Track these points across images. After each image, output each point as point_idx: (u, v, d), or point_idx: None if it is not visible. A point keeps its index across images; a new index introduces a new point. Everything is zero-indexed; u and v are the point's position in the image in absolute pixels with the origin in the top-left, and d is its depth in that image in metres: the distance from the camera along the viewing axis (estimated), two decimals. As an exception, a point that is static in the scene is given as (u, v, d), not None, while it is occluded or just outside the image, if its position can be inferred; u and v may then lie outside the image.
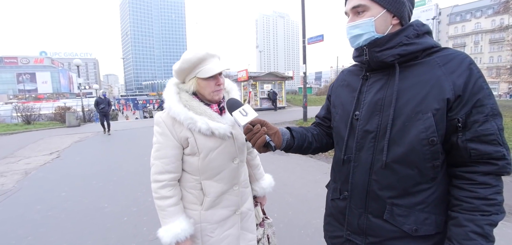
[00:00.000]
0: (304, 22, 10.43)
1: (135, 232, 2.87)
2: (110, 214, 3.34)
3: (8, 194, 4.32)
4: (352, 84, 0.97)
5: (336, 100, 1.02)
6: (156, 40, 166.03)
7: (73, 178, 5.01)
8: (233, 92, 1.29)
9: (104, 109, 10.61)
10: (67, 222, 3.20)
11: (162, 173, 1.12)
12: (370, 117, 0.85)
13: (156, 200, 1.13)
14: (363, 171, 0.86)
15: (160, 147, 1.12)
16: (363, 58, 0.88)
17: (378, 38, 0.83)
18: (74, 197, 4.01)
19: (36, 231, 3.01)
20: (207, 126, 1.09)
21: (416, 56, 0.82)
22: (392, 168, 0.81)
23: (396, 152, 0.80)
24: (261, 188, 1.44)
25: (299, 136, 1.02)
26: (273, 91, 18.59)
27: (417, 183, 0.80)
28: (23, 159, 6.82)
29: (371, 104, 0.86)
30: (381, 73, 0.87)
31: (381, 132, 0.82)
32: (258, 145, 0.89)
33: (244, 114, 0.94)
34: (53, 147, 8.37)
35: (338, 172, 0.98)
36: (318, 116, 1.17)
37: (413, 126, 0.77)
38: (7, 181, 5.00)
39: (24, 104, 17.86)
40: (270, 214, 2.99)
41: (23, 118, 15.68)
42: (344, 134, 0.93)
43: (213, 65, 1.10)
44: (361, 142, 0.87)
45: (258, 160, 1.46)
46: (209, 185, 1.17)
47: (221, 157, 1.15)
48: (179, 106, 1.10)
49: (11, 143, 9.55)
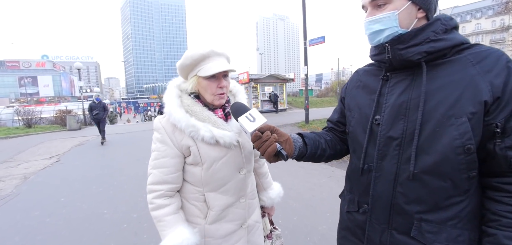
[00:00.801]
0: (305, 23, 10.36)
1: (135, 240, 2.78)
2: (110, 221, 3.25)
3: (6, 199, 4.24)
4: (370, 85, 0.88)
5: (351, 103, 0.93)
6: (157, 43, 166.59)
7: (73, 182, 4.93)
8: (240, 95, 1.19)
9: (98, 115, 9.17)
10: (65, 229, 3.11)
11: (160, 183, 1.02)
12: (394, 122, 0.76)
13: (152, 212, 1.02)
14: (387, 182, 0.77)
15: (158, 155, 1.03)
16: (384, 57, 0.79)
17: (402, 34, 0.74)
18: (73, 202, 3.92)
19: (33, 239, 2.92)
20: (211, 134, 0.99)
21: (444, 53, 0.73)
22: (421, 180, 0.72)
23: (425, 161, 0.71)
24: (269, 198, 1.33)
25: (312, 143, 0.93)
26: (274, 93, 18.52)
27: (450, 196, 0.71)
28: (22, 163, 6.74)
29: (394, 108, 0.77)
30: (405, 73, 0.78)
31: (407, 139, 0.74)
32: (268, 154, 0.80)
33: (252, 120, 0.85)
34: (53, 151, 8.31)
35: (356, 182, 0.88)
36: (330, 120, 1.08)
37: (445, 132, 0.68)
38: (6, 186, 4.93)
39: (25, 108, 17.84)
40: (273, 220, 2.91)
41: (24, 122, 15.64)
42: (362, 140, 0.84)
43: (216, 64, 0.99)
44: (384, 150, 0.78)
45: (266, 168, 1.36)
46: (214, 197, 1.07)
47: (226, 167, 1.05)
48: (180, 112, 1.00)
49: (11, 147, 9.49)
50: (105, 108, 9.57)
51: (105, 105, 9.72)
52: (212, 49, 1.00)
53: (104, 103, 9.65)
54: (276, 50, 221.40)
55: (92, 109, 9.27)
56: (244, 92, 1.21)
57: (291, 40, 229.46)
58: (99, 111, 9.21)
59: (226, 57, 1.06)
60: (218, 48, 1.02)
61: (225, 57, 1.05)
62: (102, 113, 9.26)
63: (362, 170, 0.83)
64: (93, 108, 9.26)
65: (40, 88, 65.25)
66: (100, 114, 9.20)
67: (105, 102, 10.15)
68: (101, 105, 9.35)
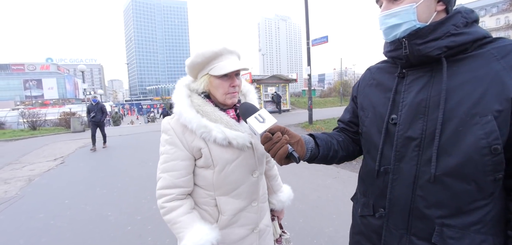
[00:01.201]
0: (308, 23, 10.31)
1: (139, 242, 2.76)
2: (114, 223, 3.23)
3: (11, 201, 4.25)
4: (385, 83, 0.84)
5: (364, 102, 0.89)
6: (159, 45, 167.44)
7: (77, 184, 4.93)
8: (250, 95, 1.15)
9: (95, 117, 8.39)
10: (70, 231, 3.10)
11: (170, 187, 0.98)
12: (412, 121, 0.73)
13: (165, 217, 0.98)
14: (405, 185, 0.73)
15: (168, 158, 0.98)
16: (401, 53, 0.75)
17: (420, 28, 0.70)
18: (77, 204, 3.92)
19: (38, 241, 2.91)
20: (223, 135, 0.94)
21: (465, 48, 0.69)
22: (443, 182, 0.68)
23: (447, 163, 0.67)
24: (279, 201, 1.29)
25: (324, 144, 0.89)
26: (277, 94, 18.49)
27: (474, 199, 0.67)
28: (27, 165, 6.78)
29: (412, 106, 0.73)
30: (422, 70, 0.74)
31: (427, 139, 0.70)
32: (279, 156, 0.76)
33: (261, 121, 0.81)
34: (57, 152, 8.35)
35: (371, 185, 0.84)
36: (342, 120, 1.04)
37: (469, 132, 0.64)
38: (11, 188, 4.94)
39: (30, 110, 17.99)
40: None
41: (29, 124, 15.77)
42: (377, 141, 0.80)
43: (229, 63, 0.96)
44: (402, 151, 0.74)
45: (275, 170, 1.32)
46: (225, 201, 1.03)
47: (239, 170, 1.01)
48: (191, 112, 0.95)
49: (17, 149, 9.56)
50: (104, 111, 8.68)
51: (104, 106, 8.80)
52: (225, 46, 0.97)
53: (102, 105, 8.79)
54: (278, 51, 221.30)
55: (89, 112, 8.48)
56: (254, 92, 1.18)
57: (293, 41, 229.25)
58: (97, 113, 8.40)
59: (238, 55, 1.02)
60: (230, 46, 0.98)
61: (237, 55, 1.02)
62: (100, 115, 8.47)
63: (378, 172, 0.79)
64: (90, 110, 8.46)
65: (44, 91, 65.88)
66: (97, 117, 8.39)
67: (103, 104, 9.14)
68: (98, 106, 8.52)
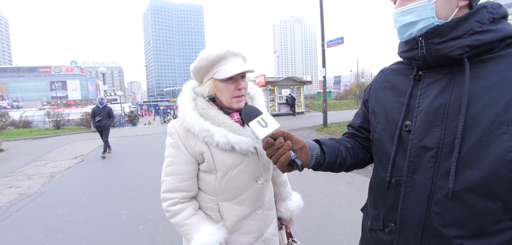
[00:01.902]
0: (323, 24, 10.14)
1: (150, 242, 2.79)
2: (126, 222, 3.30)
3: (33, 196, 4.46)
4: (399, 86, 0.77)
5: (376, 106, 0.82)
6: (176, 48, 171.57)
7: (94, 182, 5.10)
8: (258, 98, 1.11)
9: (100, 122, 7.52)
10: (85, 228, 3.19)
11: (173, 191, 0.97)
12: (429, 129, 0.65)
13: (171, 220, 0.98)
14: (419, 200, 0.66)
15: (171, 162, 0.97)
16: (417, 53, 0.68)
17: (439, 26, 0.63)
18: (93, 202, 4.05)
19: (55, 237, 3.02)
20: (226, 139, 0.92)
21: (491, 47, 0.62)
22: (462, 199, 0.60)
23: (468, 177, 0.59)
24: (287, 210, 1.23)
25: (330, 151, 0.83)
26: (291, 96, 18.31)
27: (499, 220, 0.59)
28: (50, 163, 7.11)
29: (429, 112, 0.66)
30: (441, 72, 0.67)
31: (444, 150, 0.63)
32: (281, 163, 0.71)
33: (264, 125, 0.77)
34: (78, 151, 8.70)
35: (381, 197, 0.78)
36: (352, 125, 0.97)
37: (494, 143, 0.57)
38: (34, 184, 5.20)
39: (54, 110, 18.95)
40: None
41: (53, 123, 16.61)
42: (389, 149, 0.73)
43: (234, 65, 0.93)
44: (416, 162, 0.67)
45: (285, 176, 1.26)
46: (228, 208, 1.00)
47: (242, 176, 0.98)
48: (194, 116, 0.94)
49: (41, 146, 10.07)
50: (111, 115, 7.81)
51: (111, 110, 7.93)
52: (228, 49, 0.94)
53: (109, 108, 7.90)
54: (293, 53, 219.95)
55: (95, 115, 7.63)
56: (262, 95, 1.13)
57: (309, 42, 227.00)
58: (103, 117, 7.56)
59: (243, 57, 0.99)
60: (234, 48, 0.95)
61: (242, 57, 0.98)
62: (106, 120, 7.61)
63: (389, 183, 0.73)
64: (96, 113, 7.62)
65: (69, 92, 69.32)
66: (103, 121, 7.54)
67: (110, 107, 8.12)
68: (105, 110, 7.69)
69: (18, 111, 24.53)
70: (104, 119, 7.61)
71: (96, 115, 7.63)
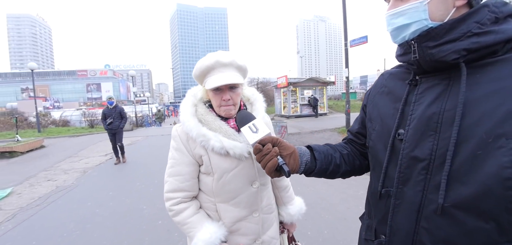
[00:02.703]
0: (346, 24, 9.85)
1: (167, 237, 2.91)
2: (147, 217, 3.47)
3: (68, 189, 4.86)
4: (395, 92, 0.73)
5: (373, 112, 0.79)
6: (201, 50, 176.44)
7: (120, 178, 5.43)
8: (257, 104, 1.12)
9: (112, 125, 6.63)
10: (110, 221, 3.42)
11: (176, 191, 1.02)
12: (421, 138, 0.62)
13: (174, 219, 1.04)
14: (408, 213, 0.63)
15: (174, 163, 1.03)
16: (410, 58, 0.65)
17: (433, 28, 0.59)
18: (118, 196, 4.32)
19: (83, 227, 3.27)
20: (221, 144, 0.96)
21: (493, 51, 0.56)
22: (452, 216, 0.56)
23: (459, 193, 0.55)
24: (288, 214, 1.23)
25: (322, 157, 0.82)
26: (314, 97, 17.99)
27: (492, 241, 0.54)
28: (83, 159, 7.69)
29: (422, 120, 0.62)
30: (439, 77, 0.63)
31: (436, 162, 0.58)
32: (268, 168, 0.72)
33: (254, 131, 0.79)
34: (108, 149, 9.27)
35: (374, 206, 0.76)
36: (350, 130, 0.94)
37: (490, 157, 0.52)
38: (69, 178, 5.66)
39: (89, 110, 20.43)
40: (302, 231, 2.77)
41: (88, 123, 17.91)
42: (382, 158, 0.70)
43: (219, 77, 0.94)
44: (406, 173, 0.64)
45: (286, 181, 1.26)
46: (224, 209, 1.04)
47: (237, 180, 1.01)
48: (192, 121, 0.99)
49: (77, 144, 10.92)
50: (123, 115, 6.83)
51: (122, 110, 6.95)
52: (218, 59, 0.95)
53: (120, 108, 6.94)
54: (317, 52, 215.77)
55: (105, 117, 6.69)
56: (262, 101, 1.15)
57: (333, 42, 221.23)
58: (115, 119, 6.64)
59: (236, 67, 0.98)
60: (225, 58, 0.96)
61: (235, 67, 0.98)
62: (118, 121, 6.67)
63: (380, 194, 0.70)
64: (107, 115, 6.67)
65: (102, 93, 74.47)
66: (115, 123, 6.63)
67: (122, 107, 7.16)
68: (116, 110, 6.72)
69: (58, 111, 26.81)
70: (116, 121, 6.66)
71: (107, 117, 6.66)
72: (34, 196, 4.57)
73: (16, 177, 5.90)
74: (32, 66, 15.22)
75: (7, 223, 3.53)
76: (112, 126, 6.67)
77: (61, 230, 3.23)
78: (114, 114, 6.70)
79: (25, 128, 17.99)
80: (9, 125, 17.69)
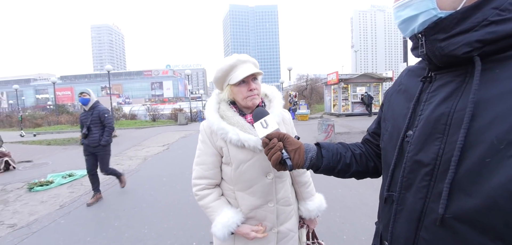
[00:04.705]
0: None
1: (207, 222, 3.13)
2: (192, 202, 3.80)
3: (131, 173, 5.62)
4: (410, 90, 0.67)
5: (387, 112, 0.75)
6: (252, 49, 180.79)
7: (174, 167, 6.03)
8: (275, 101, 1.19)
9: (88, 139, 3.92)
10: (161, 202, 3.88)
11: (201, 178, 1.14)
12: (426, 141, 0.56)
13: (199, 202, 1.17)
14: (409, 221, 0.59)
15: (200, 154, 1.16)
16: (418, 52, 0.60)
17: (442, 18, 0.53)
18: (170, 183, 4.82)
19: (140, 205, 3.79)
20: (237, 137, 1.05)
21: None
22: (453, 229, 0.51)
23: (462, 204, 0.49)
24: (306, 209, 1.26)
25: (330, 155, 0.81)
26: (368, 95, 16.73)
27: None
28: (145, 148, 8.74)
29: (429, 122, 0.56)
30: (453, 73, 0.56)
31: (441, 168, 0.53)
32: (273, 161, 0.77)
33: (265, 126, 0.85)
34: (166, 140, 10.36)
35: (381, 211, 0.72)
36: (368, 130, 0.91)
37: (500, 166, 0.44)
38: (133, 164, 6.52)
39: (152, 106, 22.98)
40: (338, 234, 2.67)
41: (151, 117, 20.18)
42: (390, 160, 0.66)
43: (243, 70, 1.06)
44: (409, 178, 0.59)
45: (306, 177, 1.28)
46: (242, 197, 1.13)
47: (252, 170, 1.09)
48: (214, 116, 1.10)
49: (141, 135, 12.44)
50: (105, 122, 4.00)
51: (104, 113, 4.04)
52: (238, 58, 1.08)
53: (101, 111, 4.03)
54: (374, 46, 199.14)
55: (82, 126, 3.99)
56: (280, 98, 1.21)
57: (393, 34, 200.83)
58: (92, 128, 3.93)
59: (252, 63, 1.11)
60: (243, 57, 1.09)
61: (251, 63, 1.11)
62: (98, 133, 3.95)
63: (385, 198, 0.67)
64: (83, 123, 3.98)
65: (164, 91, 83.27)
66: (94, 136, 3.92)
67: (104, 108, 4.13)
68: (94, 114, 3.96)
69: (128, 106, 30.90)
70: (94, 131, 3.94)
71: (83, 125, 3.98)
72: (105, 177, 5.40)
73: (94, 160, 7.07)
74: (108, 68, 17.89)
75: (86, 196, 4.32)
76: (88, 141, 3.93)
77: (123, 206, 3.80)
78: (90, 120, 3.93)
79: (103, 120, 21.28)
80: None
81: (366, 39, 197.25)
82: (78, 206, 3.94)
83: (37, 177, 5.51)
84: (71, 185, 5.00)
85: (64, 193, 4.56)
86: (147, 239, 2.86)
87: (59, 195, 4.46)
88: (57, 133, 15.37)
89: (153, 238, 2.88)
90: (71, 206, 3.96)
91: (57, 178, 5.30)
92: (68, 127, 17.91)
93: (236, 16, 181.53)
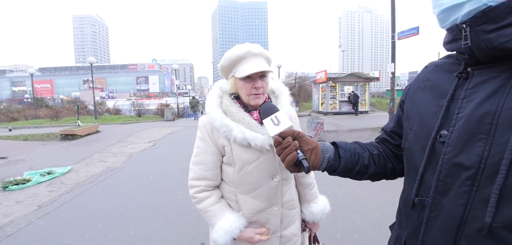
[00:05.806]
0: (394, 14, 9.06)
1: (197, 222, 3.04)
2: (181, 202, 3.67)
3: (115, 171, 5.39)
4: (440, 86, 0.62)
5: (411, 109, 0.69)
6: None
7: (161, 164, 5.83)
8: (282, 97, 1.10)
9: None
10: (149, 201, 3.71)
11: (199, 179, 1.05)
12: (468, 142, 0.52)
13: (197, 206, 1.07)
14: (446, 229, 0.54)
15: (199, 152, 1.06)
16: (460, 45, 0.53)
17: (492, 7, 0.47)
18: (158, 180, 4.64)
19: (126, 204, 3.60)
20: (243, 135, 0.95)
21: None
22: (501, 239, 0.47)
23: None
24: (310, 212, 1.19)
25: (348, 156, 0.74)
26: (354, 94, 17.07)
27: None
28: (130, 144, 8.44)
29: (471, 121, 0.52)
30: (497, 69, 0.51)
31: (486, 172, 0.48)
32: (287, 162, 0.69)
33: (276, 123, 0.76)
34: (152, 136, 10.06)
35: (405, 216, 0.66)
36: (384, 129, 0.84)
37: None
38: (117, 161, 6.26)
39: (138, 101, 22.35)
40: (331, 233, 2.65)
41: (136, 112, 19.60)
42: (419, 162, 0.61)
43: (252, 65, 0.95)
44: (447, 182, 0.54)
45: (310, 178, 1.21)
46: (244, 200, 1.04)
47: (257, 172, 1.00)
48: (217, 112, 1.00)
49: (126, 131, 12.02)
50: None
51: None
52: (249, 49, 0.97)
53: None
54: (361, 46, 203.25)
55: None
56: (287, 94, 1.12)
57: (380, 34, 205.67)
58: None
59: (265, 57, 1.00)
60: (255, 48, 0.98)
61: (264, 57, 1.00)
62: None
63: (413, 203, 0.61)
64: None
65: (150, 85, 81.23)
66: None
67: None
68: None
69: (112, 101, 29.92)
70: None
71: None
72: (88, 174, 5.17)
73: (75, 157, 6.74)
74: (91, 60, 17.16)
75: (66, 195, 4.07)
76: None
77: (108, 205, 3.60)
78: None
79: (84, 115, 20.44)
80: (72, 112, 20.20)
81: (353, 39, 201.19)
82: (58, 206, 3.71)
83: (13, 175, 5.15)
84: (50, 184, 4.71)
85: (43, 192, 4.28)
86: (134, 241, 2.72)
87: (37, 195, 4.19)
88: (35, 128, 14.58)
89: (141, 240, 2.74)
90: (50, 206, 3.72)
91: (34, 176, 4.99)
92: (47, 122, 17.05)
93: (225, 11, 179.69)
